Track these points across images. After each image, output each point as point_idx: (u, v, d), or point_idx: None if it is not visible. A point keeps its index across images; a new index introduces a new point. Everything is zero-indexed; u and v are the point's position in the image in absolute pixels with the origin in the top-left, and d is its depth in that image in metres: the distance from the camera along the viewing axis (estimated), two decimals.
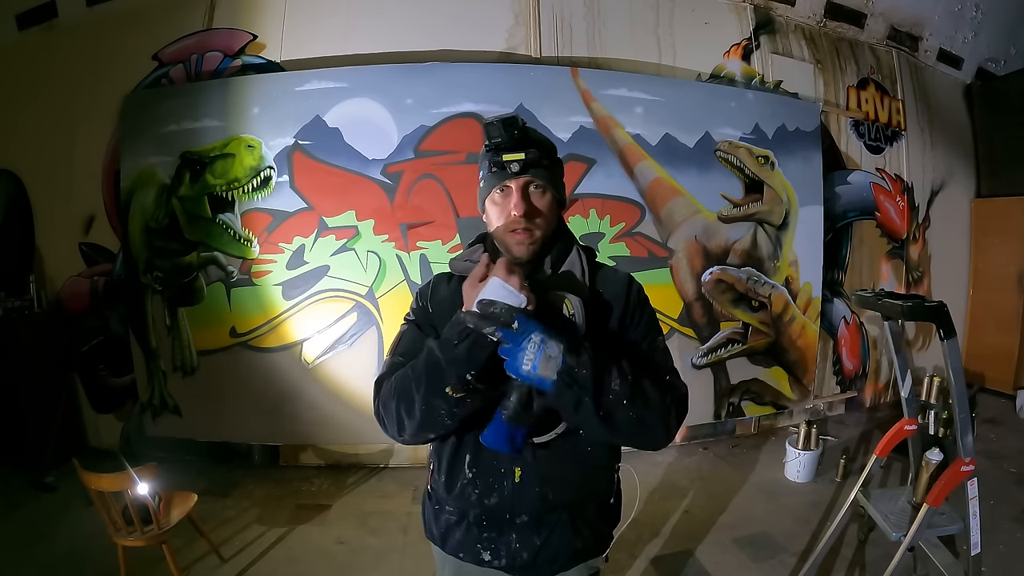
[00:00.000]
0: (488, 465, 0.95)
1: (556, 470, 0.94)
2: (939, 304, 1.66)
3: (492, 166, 0.91)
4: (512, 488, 0.94)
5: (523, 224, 0.90)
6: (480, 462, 0.95)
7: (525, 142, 0.90)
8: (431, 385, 0.83)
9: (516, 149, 0.89)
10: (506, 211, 0.91)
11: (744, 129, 3.38)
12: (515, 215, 0.89)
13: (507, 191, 0.91)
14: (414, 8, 3.16)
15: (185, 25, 3.17)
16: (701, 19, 3.50)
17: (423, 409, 0.85)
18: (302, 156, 3.00)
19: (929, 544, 1.93)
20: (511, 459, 0.92)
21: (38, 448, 3.08)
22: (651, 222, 3.27)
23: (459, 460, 0.96)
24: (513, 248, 0.93)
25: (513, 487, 0.94)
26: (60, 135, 3.27)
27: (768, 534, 2.52)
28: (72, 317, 3.36)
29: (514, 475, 0.94)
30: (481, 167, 0.95)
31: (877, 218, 4.00)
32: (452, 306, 0.91)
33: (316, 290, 3.06)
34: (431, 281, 1.05)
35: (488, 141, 0.91)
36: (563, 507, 0.97)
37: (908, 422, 2.06)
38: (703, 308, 3.42)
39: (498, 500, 0.95)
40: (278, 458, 3.32)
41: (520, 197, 0.90)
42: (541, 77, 3.10)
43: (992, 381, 4.28)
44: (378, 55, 3.08)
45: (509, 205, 0.90)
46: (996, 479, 2.91)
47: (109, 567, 2.07)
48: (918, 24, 4.11)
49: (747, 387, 3.56)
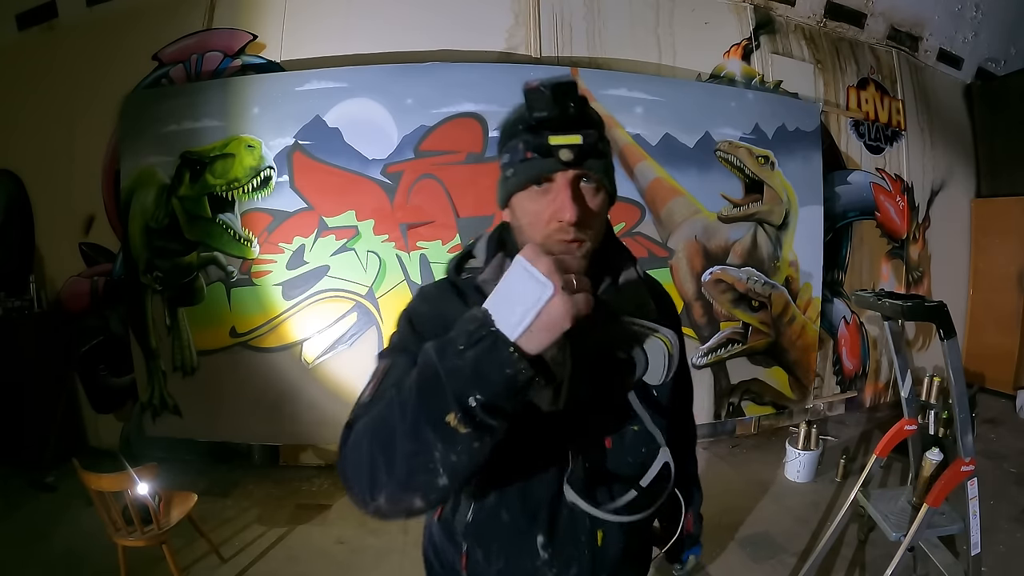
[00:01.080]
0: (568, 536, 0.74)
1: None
2: (939, 304, 1.66)
3: (532, 150, 0.66)
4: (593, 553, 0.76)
5: (572, 234, 0.67)
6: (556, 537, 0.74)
7: (583, 120, 0.66)
8: (423, 409, 0.53)
9: (570, 129, 0.65)
10: (548, 214, 0.67)
11: (744, 129, 3.38)
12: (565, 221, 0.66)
13: (551, 186, 0.68)
14: (414, 8, 3.16)
15: (185, 25, 3.16)
16: (701, 19, 3.50)
17: (408, 452, 0.54)
18: (302, 156, 3.00)
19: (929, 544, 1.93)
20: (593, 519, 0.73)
21: (38, 448, 3.08)
22: (651, 222, 3.27)
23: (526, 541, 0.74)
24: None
25: (595, 552, 0.76)
26: (60, 135, 3.27)
27: (768, 534, 2.52)
28: (72, 317, 3.36)
29: (596, 538, 0.76)
30: (508, 148, 0.70)
31: (877, 218, 4.00)
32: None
33: (316, 290, 3.06)
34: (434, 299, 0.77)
35: (530, 114, 0.64)
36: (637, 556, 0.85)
37: (908, 422, 2.06)
38: (703, 308, 3.42)
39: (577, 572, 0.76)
40: (278, 458, 3.32)
41: (571, 197, 0.66)
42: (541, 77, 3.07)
43: (992, 381, 4.28)
44: (378, 55, 3.08)
45: (553, 206, 0.67)
46: (996, 479, 2.91)
47: (109, 567, 2.06)
48: (918, 24, 4.10)
49: (747, 387, 3.56)
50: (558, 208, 0.66)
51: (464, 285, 0.76)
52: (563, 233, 0.67)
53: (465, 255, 0.81)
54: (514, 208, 0.72)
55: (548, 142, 0.65)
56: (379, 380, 0.69)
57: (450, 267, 0.81)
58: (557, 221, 0.67)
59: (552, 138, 0.65)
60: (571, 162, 0.65)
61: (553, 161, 0.66)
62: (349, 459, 0.61)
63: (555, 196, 0.67)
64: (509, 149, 0.70)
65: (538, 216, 0.69)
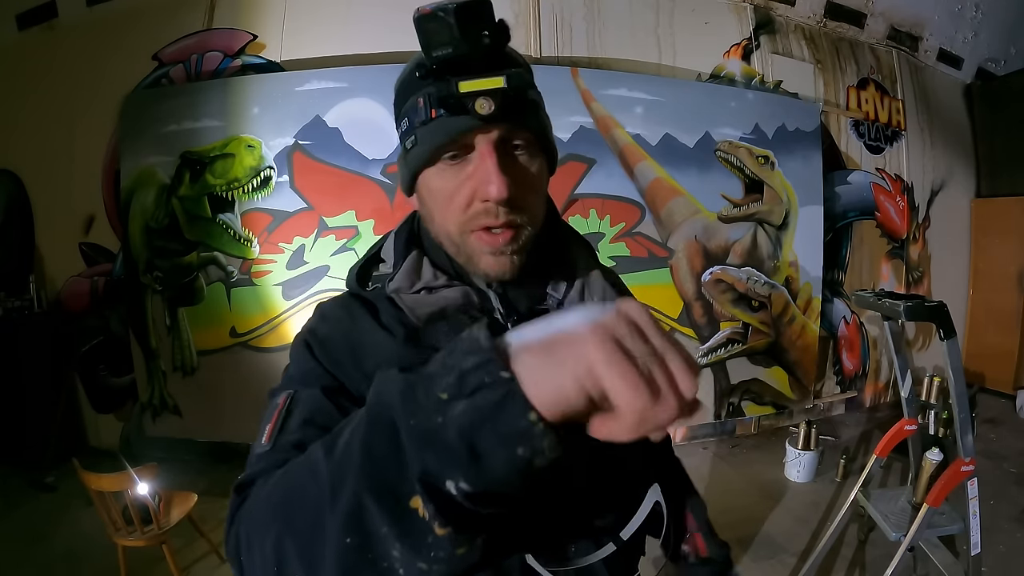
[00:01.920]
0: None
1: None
2: (939, 304, 1.67)
3: (437, 105, 0.48)
4: None
5: (504, 216, 0.51)
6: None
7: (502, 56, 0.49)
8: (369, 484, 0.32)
9: (489, 70, 0.46)
10: (467, 192, 0.51)
11: (744, 129, 3.38)
12: (492, 199, 0.49)
13: (463, 156, 0.51)
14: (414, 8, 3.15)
15: (185, 25, 3.16)
16: (701, 19, 3.50)
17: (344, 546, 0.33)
18: (302, 156, 3.00)
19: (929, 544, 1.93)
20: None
21: (38, 448, 3.08)
22: (651, 222, 3.27)
23: None
24: (484, 262, 0.53)
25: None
26: (60, 135, 3.27)
27: (768, 534, 2.52)
28: (72, 317, 3.36)
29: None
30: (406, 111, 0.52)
31: (877, 218, 4.00)
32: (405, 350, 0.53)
33: (316, 290, 3.06)
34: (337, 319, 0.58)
35: (428, 54, 0.45)
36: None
37: (908, 422, 2.07)
38: (703, 308, 3.42)
39: None
40: None
41: (497, 165, 0.49)
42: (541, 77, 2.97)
43: (992, 381, 4.28)
44: (378, 55, 3.08)
45: (473, 180, 0.50)
46: (996, 479, 2.91)
47: (109, 567, 2.07)
48: (918, 24, 4.11)
49: (747, 387, 3.56)
50: (480, 181, 0.49)
51: (373, 297, 0.58)
52: (488, 217, 0.50)
53: (370, 259, 0.63)
54: (421, 190, 0.55)
55: (458, 90, 0.45)
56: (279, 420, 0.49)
57: (351, 277, 0.62)
58: (480, 201, 0.50)
59: (463, 84, 0.45)
60: (493, 116, 0.46)
61: (467, 118, 0.47)
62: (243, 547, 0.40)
63: (476, 167, 0.50)
64: (407, 111, 0.51)
65: (452, 197, 0.51)
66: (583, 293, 0.60)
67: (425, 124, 0.49)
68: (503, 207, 0.50)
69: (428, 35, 0.44)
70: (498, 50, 0.47)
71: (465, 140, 0.49)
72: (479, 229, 0.51)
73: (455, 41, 0.44)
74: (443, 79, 0.46)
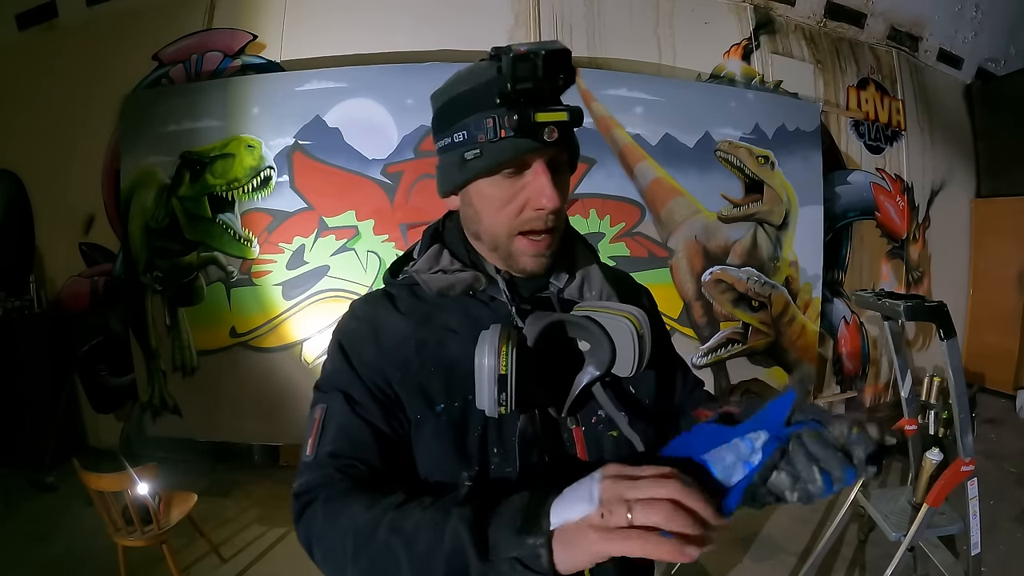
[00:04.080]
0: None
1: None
2: (939, 304, 1.66)
3: (509, 128, 0.56)
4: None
5: (551, 223, 0.61)
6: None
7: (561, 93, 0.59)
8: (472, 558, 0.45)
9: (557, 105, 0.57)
10: (519, 201, 0.60)
11: (744, 129, 3.38)
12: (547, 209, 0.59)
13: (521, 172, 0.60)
14: (414, 8, 3.16)
15: (185, 25, 3.16)
16: (701, 19, 3.49)
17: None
18: (302, 156, 3.00)
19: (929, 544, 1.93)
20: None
21: (38, 448, 3.07)
22: (651, 222, 3.27)
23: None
24: (523, 260, 0.64)
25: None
26: (60, 135, 3.27)
27: (768, 534, 2.52)
28: (72, 317, 3.36)
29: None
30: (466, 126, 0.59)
31: (877, 218, 4.00)
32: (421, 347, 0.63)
33: (316, 290, 3.06)
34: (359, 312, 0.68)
35: (513, 86, 0.54)
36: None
37: (908, 422, 2.07)
38: (703, 308, 3.42)
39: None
40: (278, 458, 3.32)
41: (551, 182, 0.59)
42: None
43: (992, 381, 4.27)
44: (378, 55, 3.08)
45: (526, 190, 0.60)
46: (996, 479, 2.91)
47: (109, 567, 2.07)
48: (918, 24, 4.10)
49: (747, 387, 3.56)
50: (535, 193, 0.59)
51: (398, 289, 0.69)
52: (537, 222, 0.61)
53: (403, 256, 0.74)
54: (470, 195, 0.63)
55: (534, 119, 0.55)
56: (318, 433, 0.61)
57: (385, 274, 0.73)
58: (534, 209, 0.60)
59: (539, 115, 0.55)
60: (553, 143, 0.57)
61: (532, 141, 0.56)
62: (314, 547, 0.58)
63: (530, 181, 0.59)
64: (469, 127, 0.59)
65: (504, 204, 0.61)
66: (582, 287, 0.69)
67: (493, 142, 0.57)
68: (551, 215, 0.60)
69: (517, 71, 0.53)
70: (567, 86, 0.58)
71: (525, 159, 0.59)
72: (524, 233, 0.62)
73: (537, 80, 0.54)
74: (521, 108, 0.55)
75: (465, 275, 0.66)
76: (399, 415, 0.62)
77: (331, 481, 0.58)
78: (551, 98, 0.57)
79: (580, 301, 0.68)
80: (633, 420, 0.65)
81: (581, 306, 0.66)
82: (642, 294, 0.82)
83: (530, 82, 0.54)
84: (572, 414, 0.65)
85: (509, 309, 0.65)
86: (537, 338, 0.60)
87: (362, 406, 0.62)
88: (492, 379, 0.55)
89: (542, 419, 0.63)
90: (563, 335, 0.64)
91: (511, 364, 0.55)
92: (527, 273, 0.66)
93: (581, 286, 0.69)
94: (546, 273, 0.67)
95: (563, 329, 0.64)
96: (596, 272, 0.70)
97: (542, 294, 0.68)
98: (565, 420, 0.64)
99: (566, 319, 0.63)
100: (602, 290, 0.69)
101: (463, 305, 0.66)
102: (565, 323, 0.63)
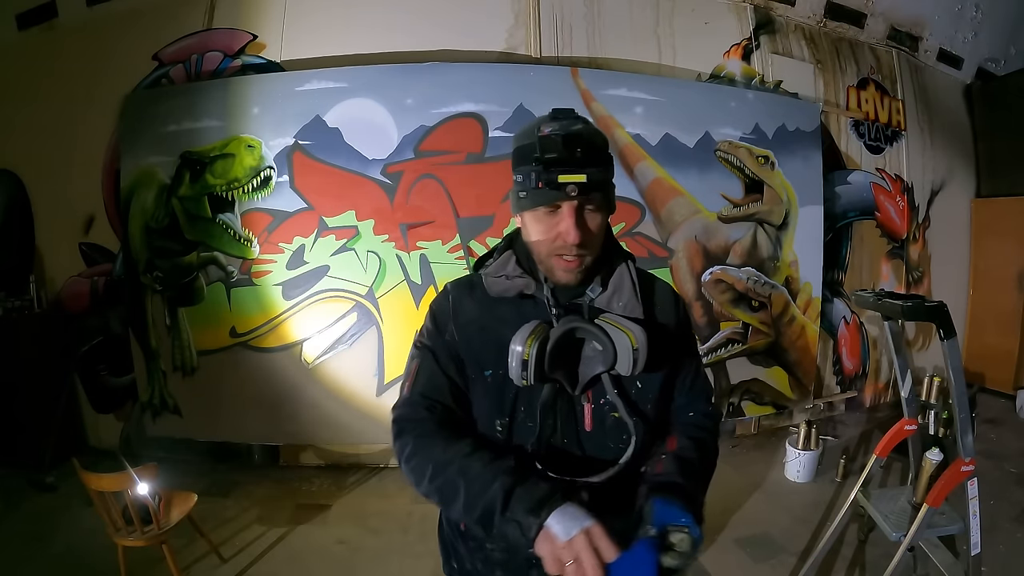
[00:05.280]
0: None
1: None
2: (939, 304, 1.66)
3: (542, 182, 0.76)
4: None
5: (575, 252, 0.80)
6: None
7: (588, 159, 0.76)
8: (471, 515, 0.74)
9: (578, 169, 0.75)
10: (553, 232, 0.80)
11: (744, 129, 3.38)
12: (569, 243, 0.78)
13: (556, 210, 0.79)
14: (414, 8, 3.16)
15: (185, 25, 3.16)
16: (701, 19, 3.49)
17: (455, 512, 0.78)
18: (302, 156, 3.00)
19: (929, 544, 1.93)
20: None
21: (38, 448, 3.07)
22: (651, 222, 3.27)
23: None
24: (558, 274, 0.83)
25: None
26: (60, 135, 3.27)
27: (768, 534, 2.52)
28: (72, 317, 3.35)
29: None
30: (522, 172, 0.80)
31: (877, 218, 4.00)
32: (483, 331, 0.86)
33: (316, 290, 3.06)
34: (450, 294, 0.92)
35: (542, 156, 0.76)
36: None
37: (908, 422, 2.07)
38: (703, 308, 3.42)
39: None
40: (278, 458, 3.32)
41: (575, 224, 0.77)
42: (541, 77, 3.09)
43: (992, 381, 4.28)
44: (378, 55, 3.08)
45: (558, 226, 0.79)
46: (996, 479, 2.91)
47: (109, 567, 2.06)
48: (918, 24, 4.10)
49: (747, 387, 3.56)
50: (562, 232, 0.78)
51: (477, 279, 0.91)
52: (565, 251, 0.80)
53: (488, 253, 0.95)
54: (525, 222, 0.85)
55: (558, 179, 0.75)
56: (414, 379, 0.88)
57: (475, 264, 0.95)
58: (562, 242, 0.79)
59: (561, 177, 0.75)
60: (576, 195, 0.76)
61: (560, 193, 0.76)
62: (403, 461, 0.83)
63: (560, 220, 0.78)
64: (522, 173, 0.79)
65: (544, 234, 0.81)
66: (612, 297, 0.87)
67: (535, 190, 0.77)
68: (576, 247, 0.79)
69: (545, 145, 0.76)
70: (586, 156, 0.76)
71: (556, 204, 0.78)
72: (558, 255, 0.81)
73: (560, 151, 0.75)
74: (550, 170, 0.75)
75: (519, 281, 0.86)
76: (464, 372, 0.88)
77: (419, 416, 0.85)
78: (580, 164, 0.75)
79: (607, 310, 0.86)
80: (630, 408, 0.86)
81: (604, 316, 0.84)
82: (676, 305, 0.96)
83: (555, 153, 0.75)
84: (585, 393, 0.86)
85: (549, 310, 0.85)
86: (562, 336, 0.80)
87: (443, 362, 0.88)
88: (519, 361, 0.77)
89: (561, 393, 0.86)
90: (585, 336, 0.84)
91: (532, 352, 0.77)
92: (562, 284, 0.85)
93: (612, 296, 0.86)
94: (581, 284, 0.85)
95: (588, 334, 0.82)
96: (628, 286, 0.87)
97: (577, 300, 0.86)
98: (579, 397, 0.87)
99: (582, 326, 0.82)
100: (629, 302, 0.86)
101: (517, 303, 0.87)
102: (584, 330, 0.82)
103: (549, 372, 0.79)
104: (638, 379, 0.86)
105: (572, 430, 0.87)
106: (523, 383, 0.78)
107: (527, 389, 0.82)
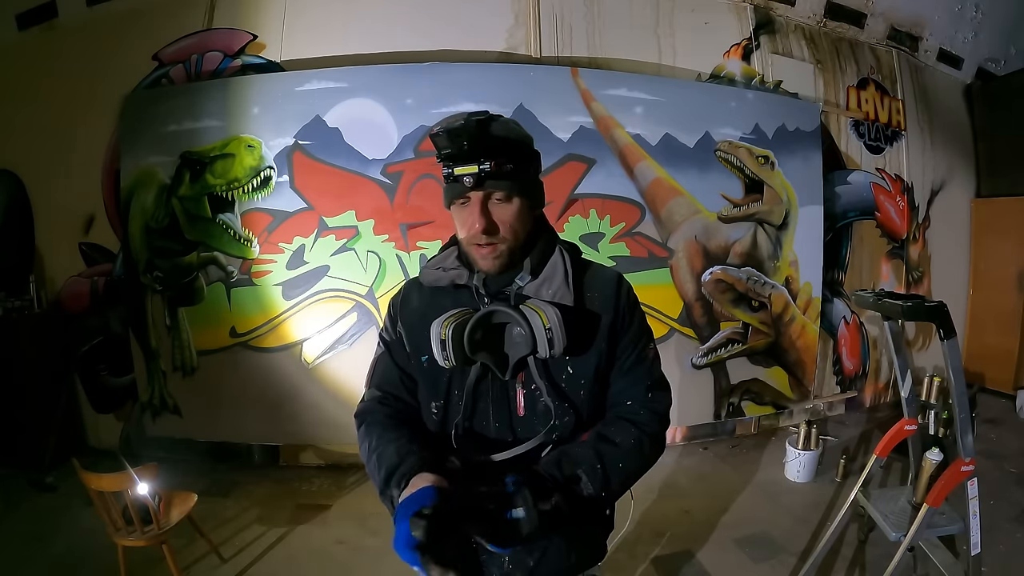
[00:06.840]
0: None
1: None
2: (939, 304, 1.66)
3: (448, 177, 0.83)
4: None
5: (485, 239, 0.84)
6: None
7: (478, 152, 0.79)
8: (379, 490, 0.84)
9: (468, 161, 0.79)
10: (468, 223, 0.85)
11: (744, 129, 3.38)
12: (475, 231, 0.84)
13: (467, 202, 0.84)
14: (414, 8, 3.16)
15: (185, 25, 3.16)
16: (701, 19, 3.49)
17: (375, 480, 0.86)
18: (302, 156, 3.00)
19: (929, 544, 1.93)
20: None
21: (38, 448, 3.08)
22: (651, 222, 3.27)
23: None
24: (479, 262, 0.88)
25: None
26: (60, 135, 3.27)
27: (768, 534, 2.52)
28: (72, 317, 3.36)
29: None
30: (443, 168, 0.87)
31: (877, 218, 4.00)
32: (423, 319, 0.89)
33: (316, 290, 3.06)
34: (403, 289, 1.00)
35: (439, 153, 0.82)
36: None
37: (908, 422, 2.07)
38: (703, 308, 3.42)
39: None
40: (278, 458, 3.32)
41: (480, 212, 0.83)
42: (541, 77, 3.10)
43: (992, 381, 4.27)
44: (378, 55, 3.08)
45: (469, 218, 0.84)
46: (996, 479, 2.91)
47: (109, 567, 2.07)
48: (918, 24, 4.10)
49: (747, 387, 3.56)
50: (471, 220, 0.84)
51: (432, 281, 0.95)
52: (477, 239, 0.84)
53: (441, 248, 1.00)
54: (451, 213, 0.90)
55: (454, 172, 0.81)
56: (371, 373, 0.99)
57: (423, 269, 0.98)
58: (472, 231, 0.84)
59: (457, 169, 0.80)
60: (474, 186, 0.81)
61: (460, 186, 0.82)
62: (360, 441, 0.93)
63: (469, 211, 0.84)
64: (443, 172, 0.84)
65: (461, 224, 0.87)
66: (542, 286, 0.88)
67: (447, 182, 0.84)
68: (484, 235, 0.84)
69: (436, 143, 0.81)
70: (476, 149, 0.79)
71: (464, 195, 0.84)
72: (475, 244, 0.86)
73: (448, 146, 0.80)
74: (448, 165, 0.81)
75: (453, 272, 0.91)
76: (410, 361, 0.95)
77: (372, 409, 0.95)
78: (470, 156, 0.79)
79: (534, 298, 0.87)
80: (555, 392, 0.88)
81: (529, 301, 0.86)
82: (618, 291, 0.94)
83: (447, 149, 0.80)
84: (517, 378, 0.89)
85: (479, 298, 0.90)
86: (482, 318, 0.84)
87: (396, 355, 0.97)
88: (438, 341, 0.83)
89: (494, 379, 0.89)
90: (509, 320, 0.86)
91: (449, 333, 0.82)
92: (485, 272, 0.89)
93: (541, 284, 0.88)
94: (507, 272, 0.89)
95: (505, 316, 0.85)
96: (559, 275, 0.89)
97: (503, 291, 0.89)
98: (512, 383, 0.90)
99: (501, 309, 0.85)
100: (559, 290, 0.88)
101: (454, 293, 0.92)
102: (501, 313, 0.85)
103: (471, 353, 0.83)
104: (570, 364, 0.89)
105: (504, 414, 0.90)
106: (445, 364, 0.83)
107: (461, 373, 0.88)
